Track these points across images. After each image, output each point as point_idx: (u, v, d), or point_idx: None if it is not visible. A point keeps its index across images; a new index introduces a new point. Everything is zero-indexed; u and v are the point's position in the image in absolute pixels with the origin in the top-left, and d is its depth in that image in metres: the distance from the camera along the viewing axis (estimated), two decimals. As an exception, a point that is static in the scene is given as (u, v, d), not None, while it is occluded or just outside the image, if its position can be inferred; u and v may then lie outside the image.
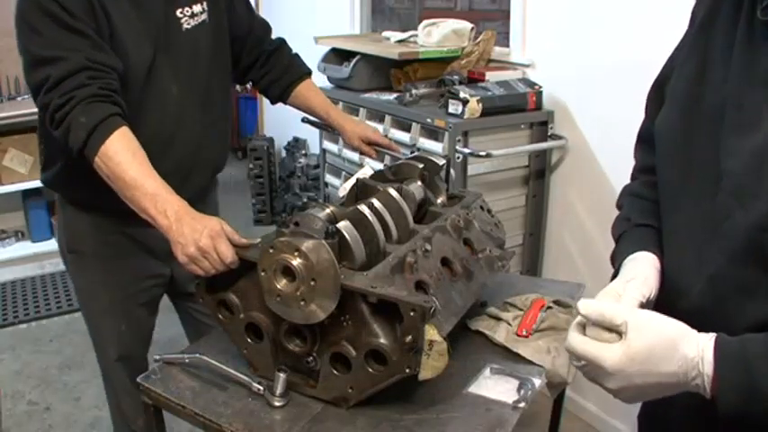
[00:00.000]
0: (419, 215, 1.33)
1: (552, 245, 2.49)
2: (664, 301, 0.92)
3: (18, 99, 3.70)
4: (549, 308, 1.38)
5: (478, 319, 1.38)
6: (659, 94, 1.01)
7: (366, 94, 2.62)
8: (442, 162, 1.43)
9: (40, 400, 2.66)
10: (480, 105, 2.14)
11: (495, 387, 1.17)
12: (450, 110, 2.19)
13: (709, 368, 0.76)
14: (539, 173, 2.40)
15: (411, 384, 1.08)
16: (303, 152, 4.22)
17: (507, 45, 2.54)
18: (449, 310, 1.13)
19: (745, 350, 0.76)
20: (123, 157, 1.24)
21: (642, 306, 0.88)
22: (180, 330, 1.87)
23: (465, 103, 2.13)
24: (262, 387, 1.13)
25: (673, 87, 0.96)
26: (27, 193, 3.70)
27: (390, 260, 1.10)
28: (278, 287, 1.05)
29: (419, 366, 1.02)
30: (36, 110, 1.40)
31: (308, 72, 1.78)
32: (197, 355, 1.24)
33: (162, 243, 1.59)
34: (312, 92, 1.78)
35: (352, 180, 1.45)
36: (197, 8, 1.49)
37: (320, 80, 2.84)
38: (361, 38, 3.15)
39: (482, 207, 1.46)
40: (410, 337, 1.00)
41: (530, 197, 2.41)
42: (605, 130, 2.22)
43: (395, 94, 2.52)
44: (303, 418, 1.10)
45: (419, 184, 1.35)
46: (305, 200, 4.07)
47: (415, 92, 2.39)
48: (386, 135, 2.40)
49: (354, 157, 2.61)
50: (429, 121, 2.22)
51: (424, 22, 2.66)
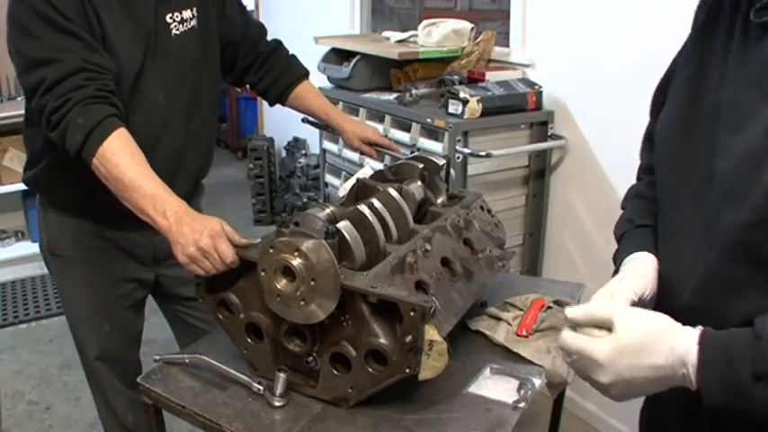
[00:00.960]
0: (419, 215, 1.33)
1: (552, 245, 2.49)
2: (659, 299, 0.93)
3: (18, 99, 3.70)
4: (549, 308, 1.38)
5: (478, 319, 1.38)
6: (662, 96, 1.02)
7: (366, 94, 2.62)
8: (442, 162, 1.43)
9: (40, 400, 2.66)
10: (480, 105, 2.14)
11: (495, 387, 1.18)
12: (451, 110, 2.19)
13: (694, 360, 0.77)
14: (539, 173, 2.40)
15: (411, 384, 1.08)
16: (303, 152, 4.22)
17: (507, 45, 2.54)
18: (449, 310, 1.13)
19: (729, 343, 0.77)
20: (121, 158, 1.23)
21: (635, 303, 0.89)
22: (179, 330, 1.87)
23: (465, 103, 2.13)
24: (262, 387, 1.13)
25: (673, 88, 0.97)
26: (27, 193, 3.70)
27: (390, 260, 1.10)
28: (278, 287, 1.05)
29: (419, 366, 1.02)
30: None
31: (305, 73, 1.77)
32: (197, 355, 1.24)
33: (144, 249, 1.60)
34: (311, 93, 1.77)
35: (352, 180, 1.45)
36: (186, 14, 1.48)
37: (320, 80, 2.84)
38: (361, 38, 3.15)
39: (482, 207, 1.46)
40: (410, 337, 1.00)
41: (530, 197, 2.41)
42: (605, 130, 2.22)
43: (395, 94, 2.52)
44: (303, 418, 1.10)
45: (419, 184, 1.35)
46: (305, 200, 4.07)
47: (415, 92, 2.39)
48: (386, 135, 2.40)
49: (354, 157, 2.61)
50: (429, 121, 2.22)
51: (424, 22, 2.66)
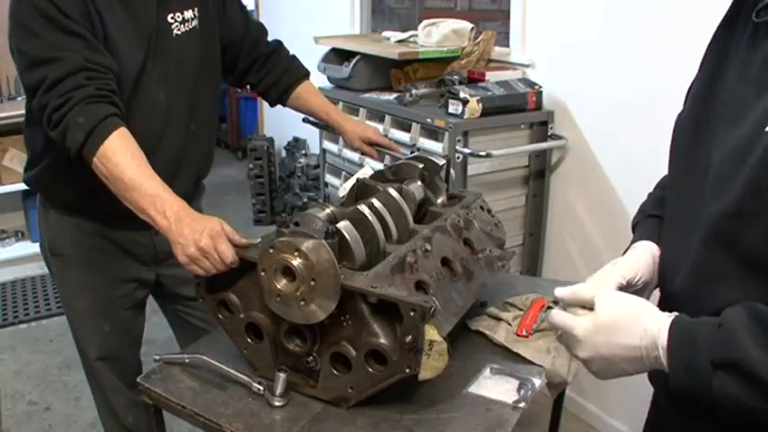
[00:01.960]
0: (419, 215, 1.33)
1: (552, 245, 2.49)
2: (660, 285, 0.99)
3: (18, 99, 3.70)
4: (549, 308, 1.38)
5: (478, 319, 1.38)
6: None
7: (366, 94, 2.62)
8: (442, 162, 1.43)
9: (40, 400, 2.66)
10: (480, 105, 2.14)
11: (495, 387, 1.18)
12: (451, 110, 2.19)
13: (664, 343, 0.81)
14: (539, 173, 2.40)
15: (411, 384, 1.08)
16: (303, 152, 4.22)
17: (507, 45, 2.54)
18: (449, 310, 1.13)
19: (695, 330, 0.80)
20: (122, 157, 1.23)
21: (623, 287, 0.96)
22: (179, 330, 1.87)
23: (465, 103, 2.13)
24: (262, 387, 1.13)
25: (693, 85, 1.01)
26: (27, 193, 3.70)
27: (390, 260, 1.10)
28: (278, 287, 1.05)
29: (419, 366, 1.02)
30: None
31: (306, 74, 1.77)
32: (197, 355, 1.24)
33: (144, 249, 1.60)
34: (311, 93, 1.77)
35: (352, 180, 1.45)
36: (188, 14, 1.48)
37: (320, 80, 2.84)
38: (361, 38, 3.15)
39: (482, 207, 1.46)
40: (410, 337, 1.00)
41: (530, 197, 2.41)
42: (605, 130, 2.22)
43: (395, 94, 2.52)
44: (303, 418, 1.10)
45: (419, 184, 1.35)
46: (305, 200, 4.07)
47: (415, 92, 2.39)
48: (386, 135, 2.40)
49: (354, 157, 2.61)
50: (429, 121, 2.22)
51: (424, 22, 2.66)
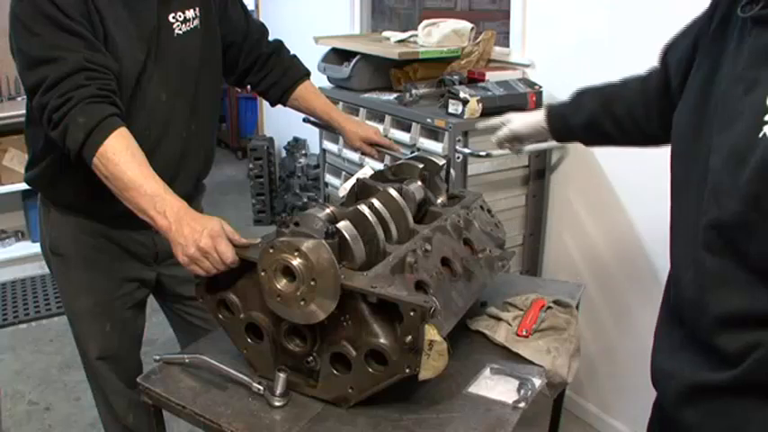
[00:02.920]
0: (419, 215, 1.33)
1: (552, 245, 2.49)
2: (672, 293, 1.00)
3: (18, 99, 3.70)
4: (549, 308, 1.38)
5: (478, 319, 1.38)
6: (666, 59, 1.13)
7: (366, 94, 2.62)
8: (442, 162, 1.43)
9: (40, 400, 2.66)
10: (480, 105, 2.14)
11: (495, 387, 1.18)
12: (450, 110, 2.19)
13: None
14: (539, 173, 2.40)
15: (411, 384, 1.08)
16: (303, 152, 4.22)
17: (507, 45, 2.54)
18: (449, 310, 1.13)
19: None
20: (122, 157, 1.23)
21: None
22: (180, 330, 1.87)
23: (465, 103, 2.13)
24: (262, 387, 1.13)
25: (688, 87, 1.00)
26: (27, 193, 3.70)
27: (390, 260, 1.10)
28: (278, 287, 1.05)
29: (419, 366, 1.02)
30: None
31: (306, 73, 1.77)
32: (197, 355, 1.24)
33: (145, 248, 1.60)
34: (312, 93, 1.77)
35: (352, 180, 1.45)
36: (189, 14, 1.48)
37: (320, 80, 2.84)
38: (361, 38, 3.15)
39: (482, 207, 1.46)
40: (410, 337, 1.00)
41: (530, 197, 2.41)
42: (605, 130, 2.22)
43: (395, 94, 2.52)
44: (303, 418, 1.10)
45: (419, 184, 1.35)
46: (305, 200, 4.07)
47: (415, 92, 2.39)
48: (386, 135, 2.40)
49: (354, 157, 2.61)
50: (429, 121, 2.22)
51: (424, 22, 2.66)
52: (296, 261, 1.02)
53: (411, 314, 0.99)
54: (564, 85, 2.32)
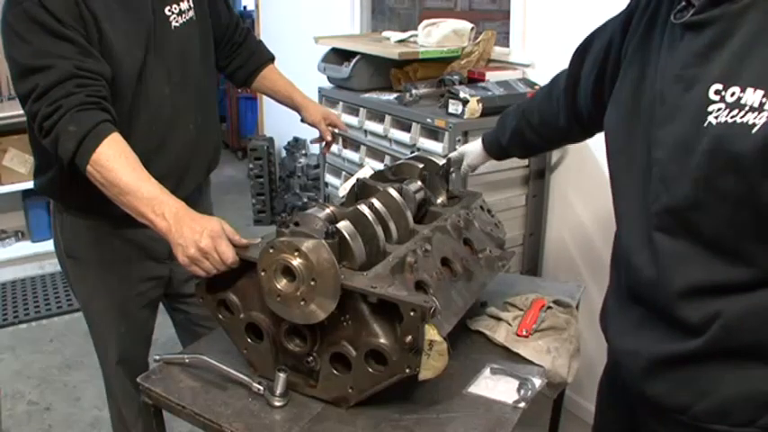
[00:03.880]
0: (419, 215, 1.33)
1: (552, 245, 2.49)
2: (626, 277, 1.05)
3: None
4: (549, 308, 1.38)
5: (478, 319, 1.38)
6: (581, 58, 1.28)
7: (366, 94, 2.62)
8: (442, 162, 1.43)
9: (40, 400, 2.66)
10: (480, 105, 2.13)
11: (496, 387, 1.18)
12: (450, 110, 2.19)
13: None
14: (539, 173, 2.40)
15: (411, 384, 1.08)
16: (303, 152, 4.22)
17: (507, 45, 2.54)
18: (449, 310, 1.14)
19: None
20: (116, 163, 1.22)
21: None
22: (180, 330, 1.87)
23: (465, 103, 2.13)
24: (262, 387, 1.14)
25: (618, 89, 1.08)
26: (27, 193, 3.69)
27: (390, 260, 1.10)
28: (278, 287, 1.05)
29: (419, 366, 1.02)
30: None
31: (271, 58, 1.87)
32: (197, 355, 1.24)
33: (159, 245, 1.59)
34: (276, 75, 1.87)
35: (352, 180, 1.46)
36: (184, 5, 1.49)
37: (320, 80, 2.84)
38: (361, 38, 3.15)
39: (482, 207, 1.47)
40: (410, 337, 1.00)
41: (530, 197, 2.41)
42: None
43: (395, 94, 2.52)
44: (303, 418, 1.10)
45: (419, 184, 1.35)
46: (305, 200, 4.06)
47: (415, 92, 2.39)
48: (386, 135, 2.41)
49: (355, 157, 2.61)
50: (429, 121, 2.21)
51: (424, 22, 2.66)
52: (296, 261, 1.02)
53: (411, 314, 0.99)
54: (564, 85, 2.33)
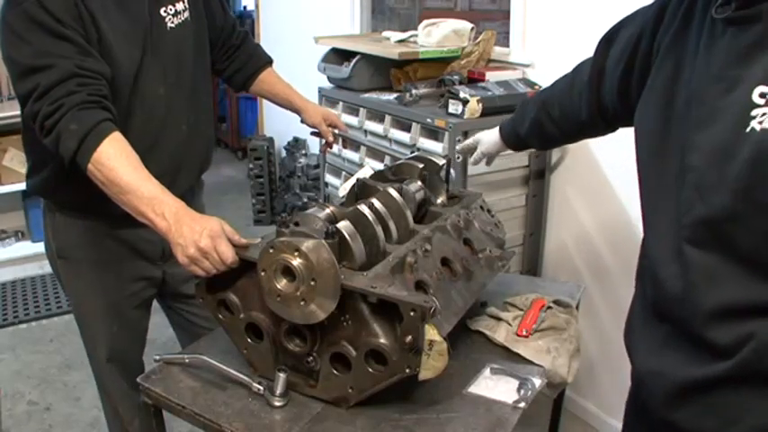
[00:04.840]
0: (419, 215, 1.33)
1: (552, 245, 2.49)
2: (652, 291, 0.98)
3: (18, 99, 3.70)
4: (549, 308, 1.38)
5: (478, 319, 1.38)
6: (606, 48, 1.18)
7: (366, 94, 2.62)
8: (442, 162, 1.43)
9: (40, 400, 2.66)
10: (480, 105, 2.13)
11: (496, 387, 1.18)
12: (450, 110, 2.19)
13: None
14: (539, 173, 2.40)
15: (411, 384, 1.08)
16: (303, 152, 4.22)
17: (507, 45, 2.54)
18: (449, 310, 1.14)
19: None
20: (117, 162, 1.23)
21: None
22: (180, 330, 1.87)
23: (465, 103, 2.13)
24: (262, 387, 1.14)
25: (650, 87, 1.00)
26: (27, 193, 3.68)
27: (390, 260, 1.10)
28: (278, 287, 1.05)
29: (419, 366, 1.02)
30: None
31: (269, 61, 1.86)
32: (197, 355, 1.24)
33: (152, 246, 1.59)
34: (274, 78, 1.86)
35: (352, 180, 1.46)
36: (179, 6, 1.49)
37: (320, 80, 2.84)
38: (361, 38, 3.15)
39: (482, 207, 1.47)
40: (410, 337, 1.00)
41: (530, 197, 2.41)
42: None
43: (395, 94, 2.52)
44: (303, 418, 1.10)
45: (419, 184, 1.35)
46: (305, 200, 4.06)
47: (415, 92, 2.39)
48: (386, 135, 2.41)
49: (354, 157, 2.61)
50: (429, 121, 2.21)
51: (424, 22, 2.66)
52: (296, 261, 1.02)
53: (411, 314, 0.99)
54: (564, 85, 2.33)
